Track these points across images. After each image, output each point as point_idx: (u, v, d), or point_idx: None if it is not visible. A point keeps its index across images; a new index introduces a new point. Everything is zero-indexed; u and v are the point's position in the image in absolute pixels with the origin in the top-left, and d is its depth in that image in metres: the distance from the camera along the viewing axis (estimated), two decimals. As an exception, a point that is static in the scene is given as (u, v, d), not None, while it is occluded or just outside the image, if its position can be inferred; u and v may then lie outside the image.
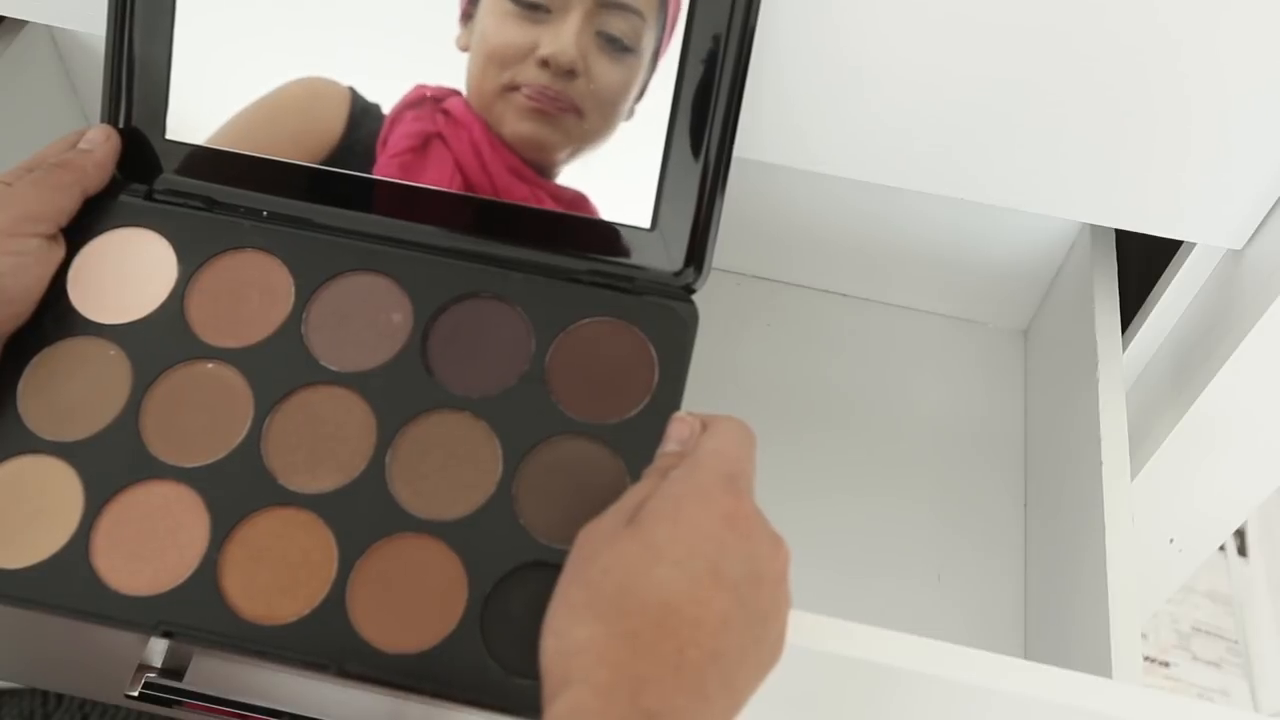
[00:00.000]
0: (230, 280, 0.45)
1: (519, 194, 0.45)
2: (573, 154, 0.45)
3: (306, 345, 0.44)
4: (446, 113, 0.45)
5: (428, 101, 0.45)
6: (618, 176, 0.45)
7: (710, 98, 0.44)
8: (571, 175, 0.45)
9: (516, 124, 0.44)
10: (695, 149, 0.44)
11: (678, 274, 0.45)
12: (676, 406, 0.43)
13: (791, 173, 0.50)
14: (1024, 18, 0.42)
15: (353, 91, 0.45)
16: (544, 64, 0.43)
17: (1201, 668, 0.91)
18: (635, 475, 0.41)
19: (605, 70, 0.43)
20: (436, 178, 0.45)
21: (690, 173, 0.44)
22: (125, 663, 0.44)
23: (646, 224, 0.45)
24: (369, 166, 0.46)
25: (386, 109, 0.45)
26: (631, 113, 0.44)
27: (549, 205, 0.45)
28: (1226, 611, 0.94)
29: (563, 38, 0.43)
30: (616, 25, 0.43)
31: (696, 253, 0.45)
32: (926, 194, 0.49)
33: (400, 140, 0.45)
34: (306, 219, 0.46)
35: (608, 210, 0.45)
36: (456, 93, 0.44)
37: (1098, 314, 0.55)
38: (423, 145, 0.45)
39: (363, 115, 0.45)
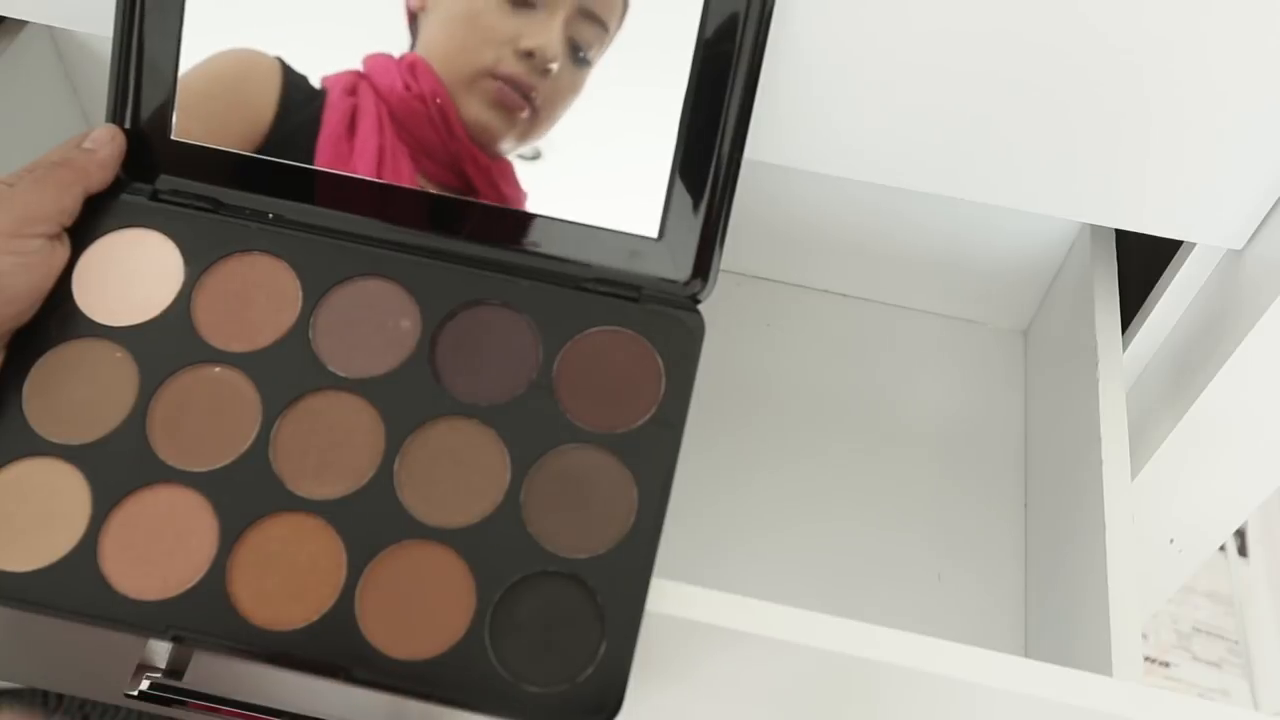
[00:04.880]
0: (237, 283, 0.45)
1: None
2: (513, 148, 0.45)
3: (314, 350, 0.44)
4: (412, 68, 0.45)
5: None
6: (625, 185, 0.45)
7: (721, 109, 0.44)
8: (583, 173, 0.45)
9: (480, 111, 0.44)
10: (704, 160, 0.44)
11: (684, 284, 0.45)
12: (683, 416, 0.43)
13: (791, 172, 0.50)
14: (1024, 18, 0.43)
15: (282, 63, 0.45)
16: (527, 55, 0.43)
17: (1202, 668, 0.91)
18: (643, 485, 0.42)
19: (567, 76, 0.44)
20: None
21: (698, 184, 0.44)
22: (125, 662, 0.44)
23: (654, 234, 0.45)
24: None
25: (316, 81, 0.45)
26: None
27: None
28: (1226, 611, 0.94)
29: (550, 33, 0.43)
30: (585, 34, 0.43)
31: (703, 263, 0.45)
32: (927, 194, 0.49)
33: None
34: (313, 222, 0.46)
35: (587, 209, 0.45)
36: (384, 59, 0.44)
37: (1098, 314, 0.55)
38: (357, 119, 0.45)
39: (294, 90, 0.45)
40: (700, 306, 0.45)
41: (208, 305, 0.44)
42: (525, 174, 0.45)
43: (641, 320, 0.45)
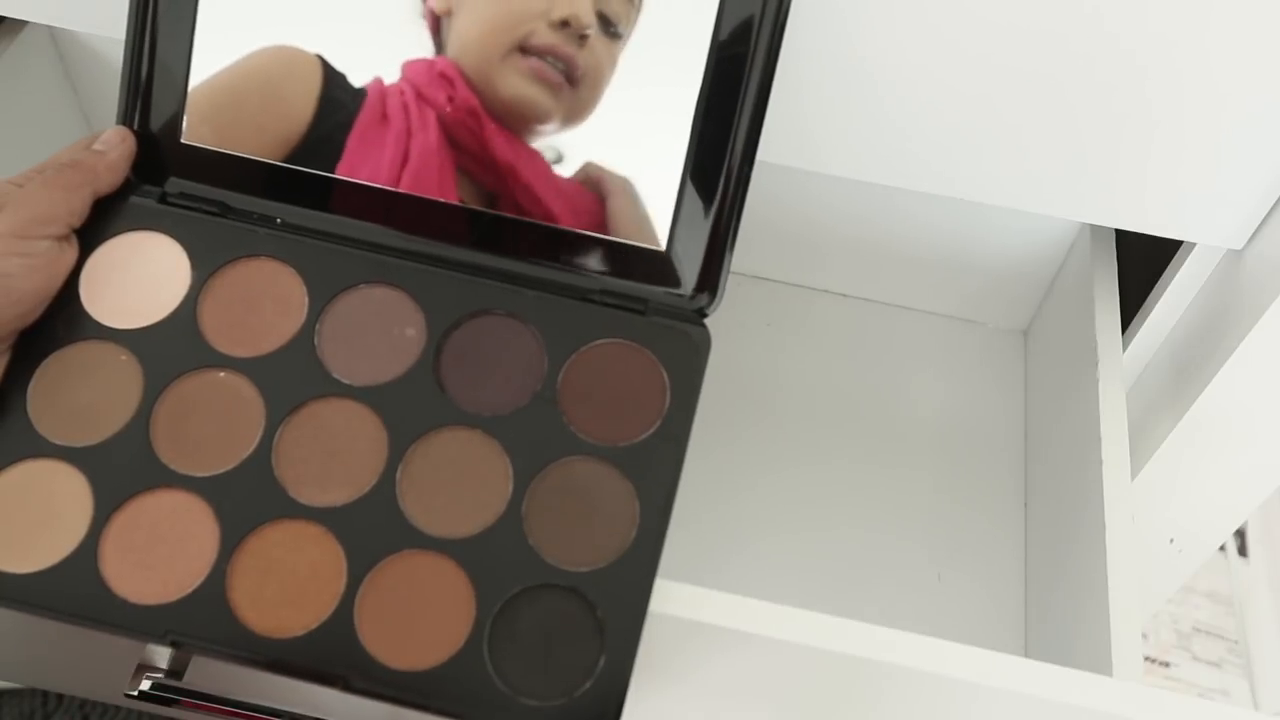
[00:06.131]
0: (243, 288, 0.45)
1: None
2: (558, 129, 0.44)
3: (319, 357, 0.44)
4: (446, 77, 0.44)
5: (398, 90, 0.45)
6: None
7: (731, 121, 0.43)
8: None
9: (520, 86, 0.44)
10: (713, 173, 0.44)
11: (691, 298, 0.45)
12: (688, 430, 0.43)
13: (792, 172, 0.50)
14: (1024, 19, 0.43)
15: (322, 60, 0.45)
16: (562, 25, 0.43)
17: (1202, 668, 0.91)
18: (645, 498, 0.42)
19: (601, 48, 0.43)
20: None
21: (708, 197, 0.44)
22: (125, 663, 0.44)
23: (661, 246, 0.45)
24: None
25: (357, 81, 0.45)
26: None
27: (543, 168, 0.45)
28: (1226, 611, 0.94)
29: (579, 2, 0.43)
30: (614, 7, 0.43)
31: (710, 277, 0.45)
32: (927, 194, 0.49)
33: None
34: (321, 228, 0.46)
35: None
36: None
37: (1098, 314, 0.55)
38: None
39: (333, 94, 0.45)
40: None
41: (214, 309, 0.44)
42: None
43: (647, 333, 0.45)
